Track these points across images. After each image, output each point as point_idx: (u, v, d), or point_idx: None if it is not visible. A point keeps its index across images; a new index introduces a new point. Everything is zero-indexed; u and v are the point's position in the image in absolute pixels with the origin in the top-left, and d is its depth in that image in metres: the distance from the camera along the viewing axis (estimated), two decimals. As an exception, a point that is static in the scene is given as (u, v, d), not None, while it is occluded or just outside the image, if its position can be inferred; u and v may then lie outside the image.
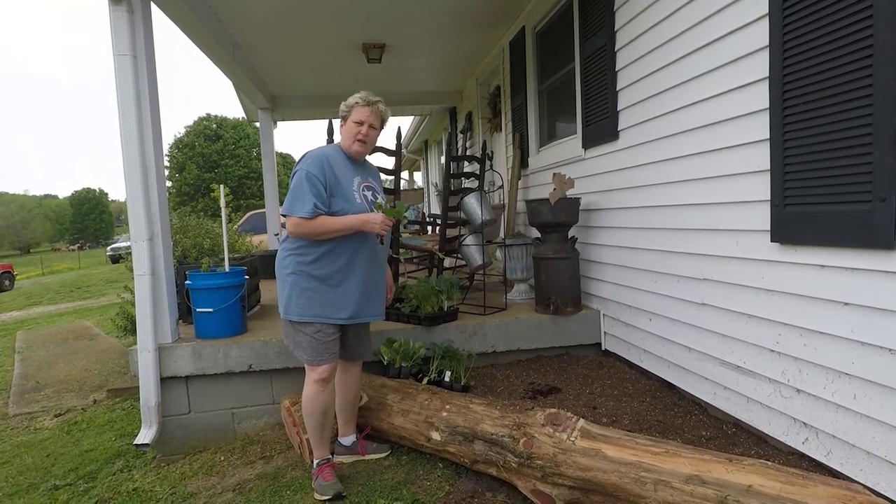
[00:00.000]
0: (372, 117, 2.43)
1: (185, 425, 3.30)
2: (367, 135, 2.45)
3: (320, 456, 2.50)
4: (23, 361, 7.50)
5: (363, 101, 2.42)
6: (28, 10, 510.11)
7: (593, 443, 2.01)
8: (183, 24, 4.03)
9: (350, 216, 2.33)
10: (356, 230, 2.35)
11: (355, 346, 2.61)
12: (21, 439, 4.55)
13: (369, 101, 2.43)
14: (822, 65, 1.87)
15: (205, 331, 3.36)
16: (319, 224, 2.30)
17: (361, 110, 2.42)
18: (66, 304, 14.58)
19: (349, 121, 2.44)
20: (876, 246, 1.74)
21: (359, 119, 2.42)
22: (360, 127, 2.43)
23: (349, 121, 2.44)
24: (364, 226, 2.33)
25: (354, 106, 2.42)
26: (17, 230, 56.09)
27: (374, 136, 2.49)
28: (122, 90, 3.05)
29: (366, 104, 2.42)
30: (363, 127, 2.43)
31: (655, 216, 2.98)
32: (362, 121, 2.42)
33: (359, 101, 2.42)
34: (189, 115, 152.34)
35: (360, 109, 2.42)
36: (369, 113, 2.43)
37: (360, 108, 2.42)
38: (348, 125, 2.44)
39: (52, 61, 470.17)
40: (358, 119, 2.42)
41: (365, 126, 2.43)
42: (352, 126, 2.43)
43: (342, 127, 2.48)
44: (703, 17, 2.46)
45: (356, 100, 2.43)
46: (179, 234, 4.84)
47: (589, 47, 3.65)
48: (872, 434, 1.82)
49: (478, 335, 3.53)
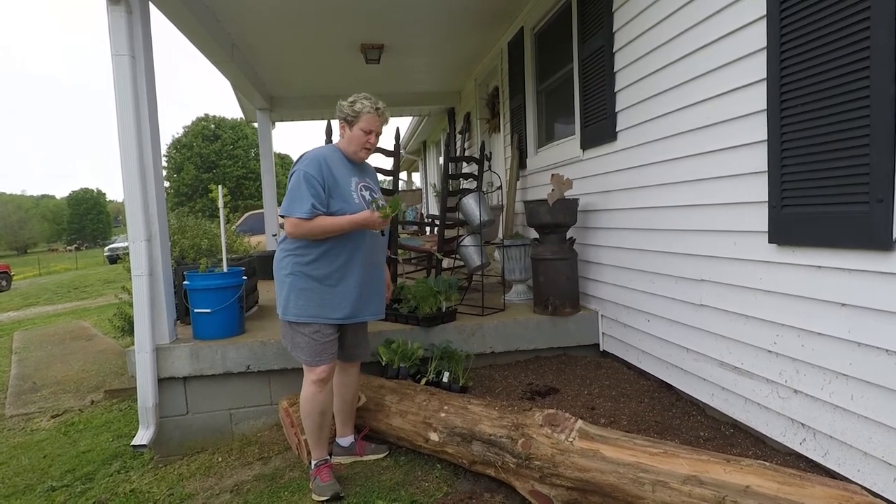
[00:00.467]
0: (380, 126, 2.45)
1: (182, 426, 3.30)
2: (374, 143, 2.47)
3: (318, 457, 2.49)
4: (20, 362, 7.48)
5: (374, 111, 2.40)
6: (28, 11, 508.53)
7: (591, 443, 2.01)
8: (181, 23, 4.03)
9: (351, 215, 2.33)
10: (359, 228, 2.35)
11: (353, 347, 2.60)
12: (18, 440, 4.53)
13: (379, 109, 2.42)
14: (819, 66, 1.88)
15: (203, 331, 3.35)
16: (318, 224, 2.30)
17: (371, 119, 2.40)
18: (63, 304, 14.55)
19: (356, 128, 2.41)
20: (873, 247, 1.75)
21: (368, 128, 2.41)
22: (368, 136, 2.43)
23: (356, 128, 2.41)
24: (366, 223, 2.33)
25: (364, 114, 2.39)
26: (14, 230, 55.94)
27: (377, 142, 2.52)
28: (120, 90, 3.05)
29: (377, 114, 2.41)
30: (371, 136, 2.43)
31: (653, 217, 2.99)
32: (371, 130, 2.42)
33: (370, 109, 2.39)
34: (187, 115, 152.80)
35: (371, 118, 2.40)
36: (379, 123, 2.43)
37: (371, 117, 2.40)
38: (356, 132, 2.42)
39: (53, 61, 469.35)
40: (367, 128, 2.41)
41: (373, 135, 2.44)
42: (360, 133, 2.42)
43: (344, 129, 2.46)
44: (702, 18, 2.47)
45: (367, 108, 2.39)
46: (177, 235, 4.84)
47: (587, 48, 3.66)
48: (870, 435, 1.83)
49: (476, 336, 3.53)
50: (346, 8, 4.55)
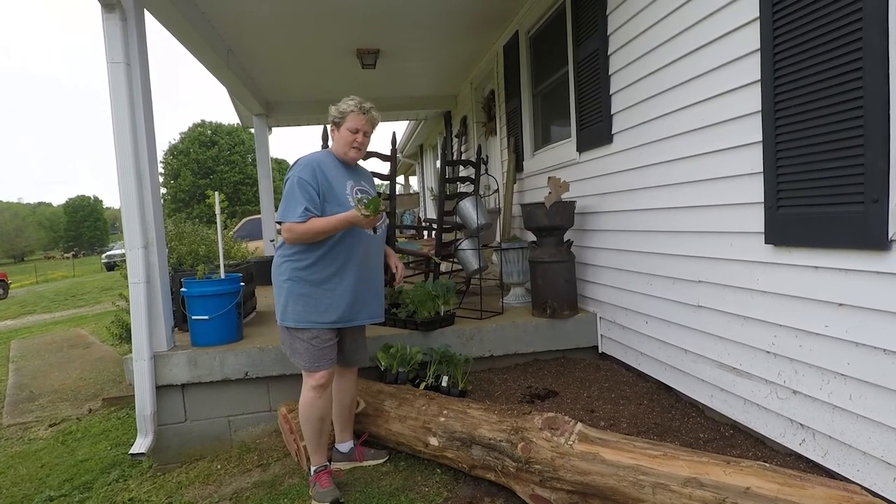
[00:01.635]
0: (367, 125, 2.46)
1: (181, 434, 3.28)
2: (363, 142, 2.47)
3: (318, 463, 2.49)
4: (17, 371, 7.45)
5: (358, 109, 2.43)
6: (28, 11, 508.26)
7: (591, 446, 2.01)
8: (176, 30, 4.03)
9: (337, 215, 2.33)
10: (348, 226, 2.35)
11: (352, 352, 2.60)
12: (15, 450, 4.51)
13: (364, 108, 2.44)
14: (813, 67, 1.89)
15: (200, 338, 3.34)
16: (311, 227, 2.31)
17: (357, 118, 2.43)
18: (60, 312, 14.50)
19: (343, 128, 2.44)
20: (869, 247, 1.75)
21: (354, 127, 2.43)
22: (355, 135, 2.44)
23: (343, 128, 2.44)
24: (354, 221, 2.32)
25: (349, 114, 2.43)
26: (10, 238, 55.75)
27: (367, 142, 2.52)
28: (116, 98, 3.05)
29: (361, 112, 2.43)
30: (358, 135, 2.44)
31: (650, 219, 2.99)
32: (357, 129, 2.43)
33: (353, 108, 2.43)
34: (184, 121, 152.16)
35: (356, 117, 2.43)
36: (365, 121, 2.44)
37: (356, 116, 2.43)
38: (342, 133, 2.45)
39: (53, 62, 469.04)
40: (353, 127, 2.43)
41: (360, 134, 2.45)
42: (346, 134, 2.44)
43: (334, 132, 2.49)
44: (695, 21, 2.48)
45: (350, 108, 2.43)
46: (175, 241, 4.82)
47: (582, 51, 3.67)
48: (869, 434, 1.83)
49: (475, 340, 3.53)
50: (341, 13, 4.56)
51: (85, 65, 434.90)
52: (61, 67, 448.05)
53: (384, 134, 23.22)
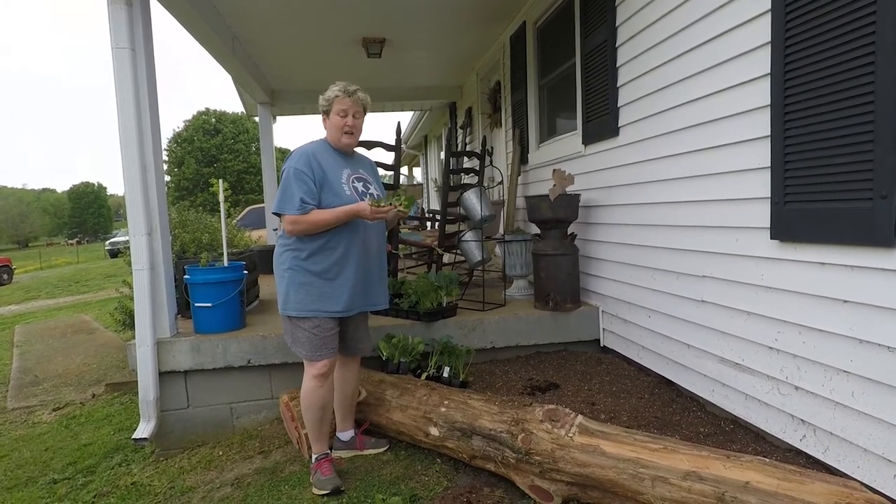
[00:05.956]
0: (354, 107, 2.44)
1: (183, 420, 3.30)
2: (354, 125, 2.45)
3: (319, 451, 2.50)
4: (21, 355, 7.50)
5: (343, 93, 2.42)
6: (28, 11, 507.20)
7: (591, 439, 2.01)
8: (182, 16, 4.01)
9: (340, 207, 2.33)
10: (351, 218, 2.35)
11: (354, 342, 2.61)
12: (19, 433, 4.55)
13: (348, 90, 2.43)
14: (823, 62, 1.87)
15: (203, 325, 3.36)
16: (313, 219, 2.31)
17: (343, 101, 2.42)
18: (64, 298, 14.57)
19: (332, 114, 2.44)
20: (876, 244, 1.74)
21: (342, 110, 2.42)
22: (344, 118, 2.43)
23: (332, 114, 2.44)
24: (358, 213, 2.33)
25: (334, 99, 2.42)
26: (15, 224, 56.01)
27: (360, 126, 2.50)
28: (121, 84, 3.04)
29: (346, 95, 2.42)
30: (348, 118, 2.43)
31: (655, 213, 2.98)
32: (346, 111, 2.42)
33: (338, 93, 2.42)
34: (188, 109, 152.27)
35: (342, 101, 2.42)
36: (350, 103, 2.42)
37: (342, 99, 2.42)
38: (332, 119, 2.44)
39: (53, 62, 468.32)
40: (340, 111, 2.42)
41: (349, 117, 2.43)
42: (336, 119, 2.43)
43: (325, 122, 2.48)
44: (706, 12, 2.45)
45: (335, 92, 2.42)
46: (178, 229, 4.83)
47: (590, 43, 3.64)
48: (870, 431, 1.82)
49: (477, 331, 3.53)
50: (348, 1, 4.53)
51: (85, 64, 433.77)
52: (62, 68, 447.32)
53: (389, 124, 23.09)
